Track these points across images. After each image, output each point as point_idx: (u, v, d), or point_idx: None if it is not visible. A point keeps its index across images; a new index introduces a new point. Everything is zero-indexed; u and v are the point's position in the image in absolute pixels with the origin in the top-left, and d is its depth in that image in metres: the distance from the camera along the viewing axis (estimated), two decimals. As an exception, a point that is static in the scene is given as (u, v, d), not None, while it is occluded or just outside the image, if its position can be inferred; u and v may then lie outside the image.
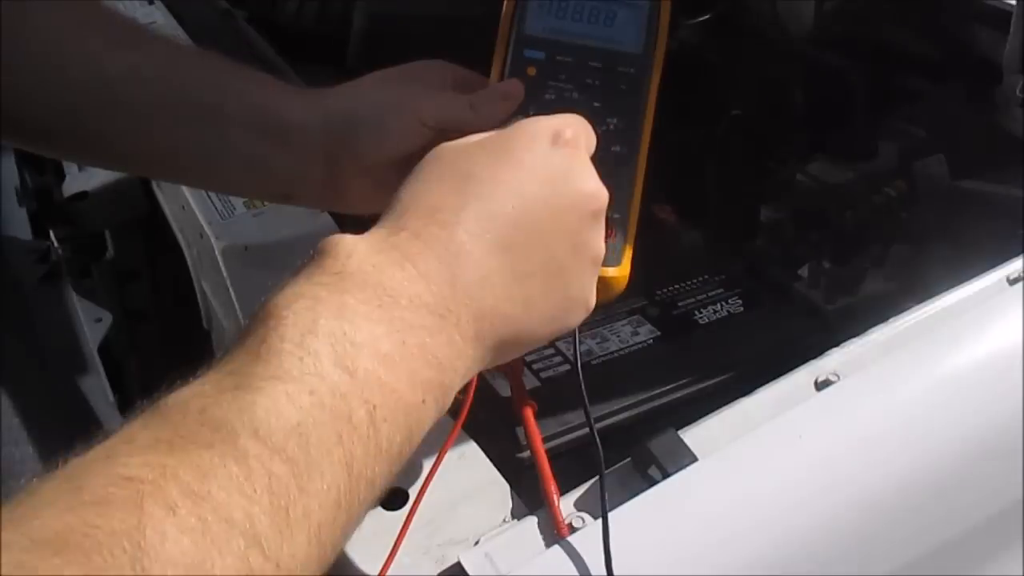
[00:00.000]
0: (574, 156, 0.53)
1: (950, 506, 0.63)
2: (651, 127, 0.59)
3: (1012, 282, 0.67)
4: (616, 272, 0.58)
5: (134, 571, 0.35)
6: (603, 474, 0.55)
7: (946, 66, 0.95)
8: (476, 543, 0.56)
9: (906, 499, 0.60)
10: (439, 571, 0.56)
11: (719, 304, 0.80)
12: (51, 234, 1.28)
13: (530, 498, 0.59)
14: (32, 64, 0.63)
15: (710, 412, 0.62)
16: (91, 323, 1.21)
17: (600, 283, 0.58)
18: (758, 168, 0.94)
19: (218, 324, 0.92)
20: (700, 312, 0.79)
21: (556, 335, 0.54)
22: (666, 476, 0.57)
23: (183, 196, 0.93)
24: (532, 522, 0.57)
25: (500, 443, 0.64)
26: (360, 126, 0.61)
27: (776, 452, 0.59)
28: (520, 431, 0.63)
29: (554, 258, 0.52)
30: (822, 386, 0.62)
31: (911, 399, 0.62)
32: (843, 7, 1.02)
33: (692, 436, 0.59)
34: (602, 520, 0.53)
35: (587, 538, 0.54)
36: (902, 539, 0.61)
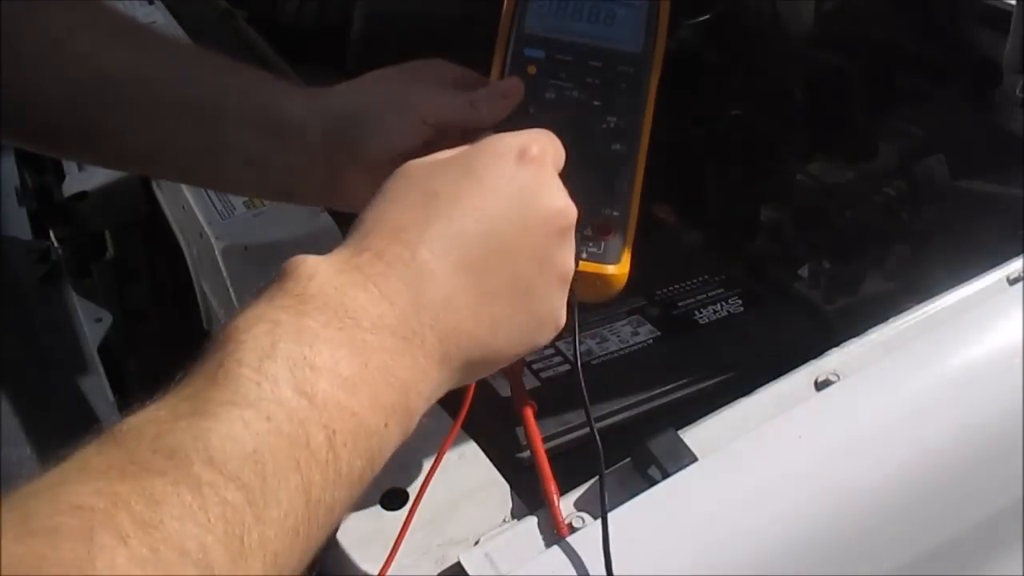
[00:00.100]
0: (540, 173, 0.52)
1: (950, 506, 0.63)
2: (651, 126, 0.60)
3: (1012, 282, 0.67)
4: (616, 270, 0.58)
5: None
6: (603, 474, 0.55)
7: (946, 66, 0.95)
8: (476, 543, 0.56)
9: (906, 499, 0.61)
10: (439, 571, 0.56)
11: (719, 304, 0.80)
12: (51, 234, 1.28)
13: (530, 498, 0.59)
14: (33, 63, 0.63)
15: (710, 412, 0.62)
16: (91, 323, 1.21)
17: (600, 280, 0.58)
18: (758, 168, 0.94)
19: (218, 324, 0.91)
20: (700, 312, 0.79)
21: (525, 353, 0.54)
22: (666, 476, 0.57)
23: (183, 196, 0.93)
24: (532, 522, 0.57)
25: (500, 443, 0.64)
26: (360, 124, 0.61)
27: (776, 452, 0.59)
28: (520, 431, 0.63)
29: (521, 276, 0.51)
30: (822, 386, 0.62)
31: (911, 399, 0.62)
32: (843, 7, 1.02)
33: (692, 436, 0.59)
34: (602, 520, 0.53)
35: (587, 538, 0.54)
36: (902, 539, 0.61)
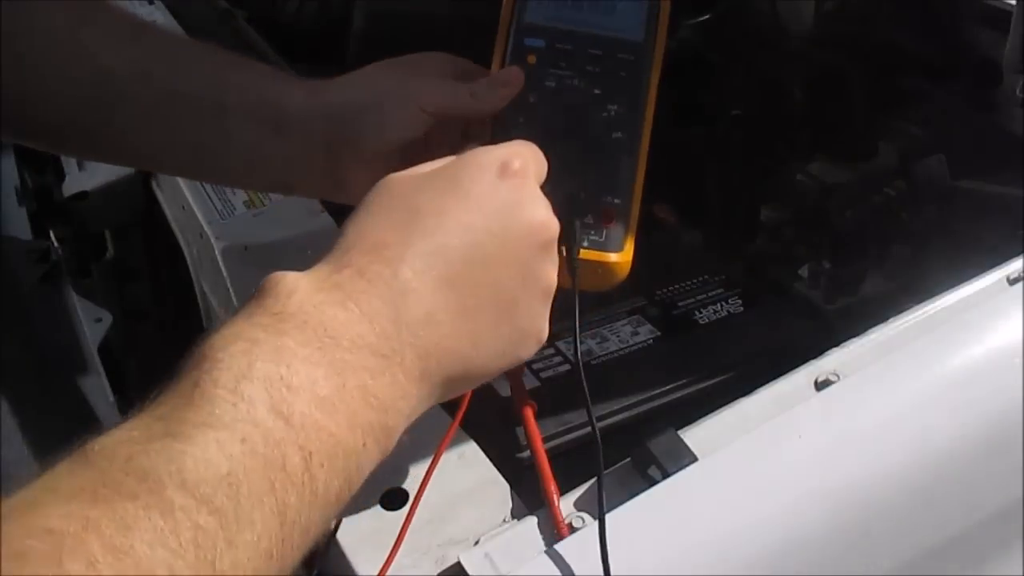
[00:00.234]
0: (522, 187, 0.52)
1: (950, 506, 0.63)
2: (653, 113, 0.59)
3: (1012, 282, 0.67)
4: (619, 257, 0.58)
5: None
6: (602, 474, 0.55)
7: (946, 66, 0.95)
8: (476, 543, 0.56)
9: (906, 499, 0.60)
10: (439, 571, 0.56)
11: (719, 304, 0.80)
12: (51, 234, 1.28)
13: (530, 498, 0.59)
14: (35, 62, 0.63)
15: (710, 412, 0.61)
16: (91, 323, 1.21)
17: (602, 268, 0.57)
18: (758, 168, 0.94)
19: (218, 324, 0.91)
20: (700, 312, 0.79)
21: (507, 368, 0.53)
22: (666, 476, 0.57)
23: (183, 196, 0.93)
24: (532, 522, 0.57)
25: (500, 443, 0.64)
26: (360, 113, 0.61)
27: (776, 452, 0.59)
28: (520, 431, 0.63)
29: (503, 291, 0.51)
30: (822, 386, 0.62)
31: (911, 399, 0.62)
32: (843, 7, 1.02)
33: (692, 436, 0.59)
34: (599, 521, 0.53)
35: (587, 538, 0.54)
36: (902, 539, 0.61)
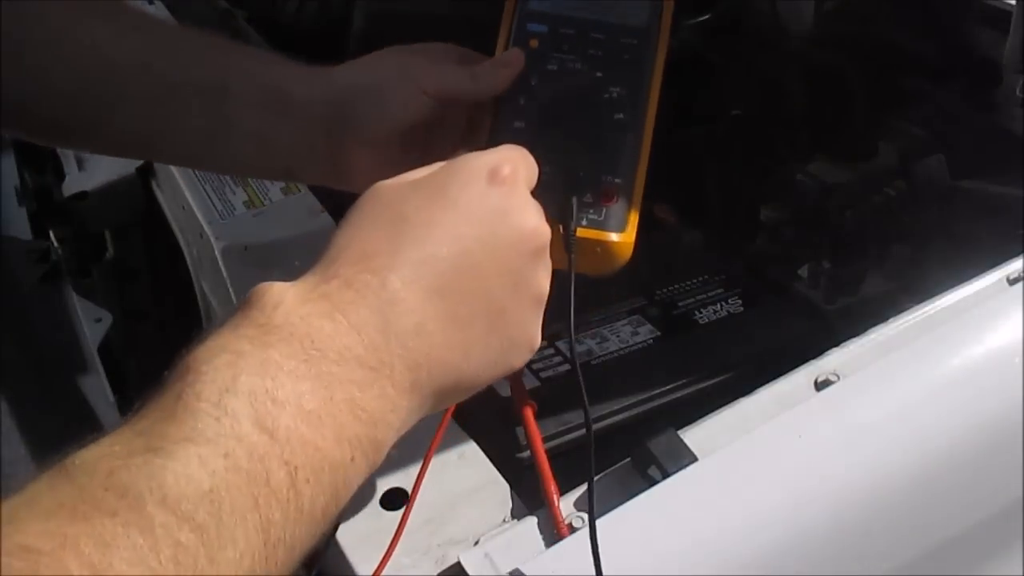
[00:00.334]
0: (512, 194, 0.51)
1: (950, 506, 0.63)
2: (658, 95, 0.59)
3: (1012, 282, 0.67)
4: (621, 237, 0.57)
5: None
6: (592, 480, 0.54)
7: (946, 66, 0.95)
8: (476, 543, 0.56)
9: (906, 499, 0.60)
10: (439, 571, 0.56)
11: (719, 304, 0.80)
12: (51, 234, 1.28)
13: (530, 498, 0.59)
14: (36, 55, 0.63)
15: (710, 412, 0.61)
16: (91, 323, 1.21)
17: (601, 248, 0.56)
18: (758, 168, 0.94)
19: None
20: (700, 312, 0.79)
21: (499, 377, 0.53)
22: (666, 476, 0.57)
23: (183, 196, 0.93)
24: (532, 522, 0.57)
25: (500, 443, 0.64)
26: (361, 96, 0.61)
27: (776, 452, 0.59)
28: (520, 431, 0.63)
29: (494, 300, 0.50)
30: (822, 386, 0.62)
31: (911, 399, 0.62)
32: (843, 7, 1.02)
33: (692, 436, 0.59)
34: (589, 525, 0.53)
35: (587, 538, 0.54)
36: (902, 539, 0.61)
